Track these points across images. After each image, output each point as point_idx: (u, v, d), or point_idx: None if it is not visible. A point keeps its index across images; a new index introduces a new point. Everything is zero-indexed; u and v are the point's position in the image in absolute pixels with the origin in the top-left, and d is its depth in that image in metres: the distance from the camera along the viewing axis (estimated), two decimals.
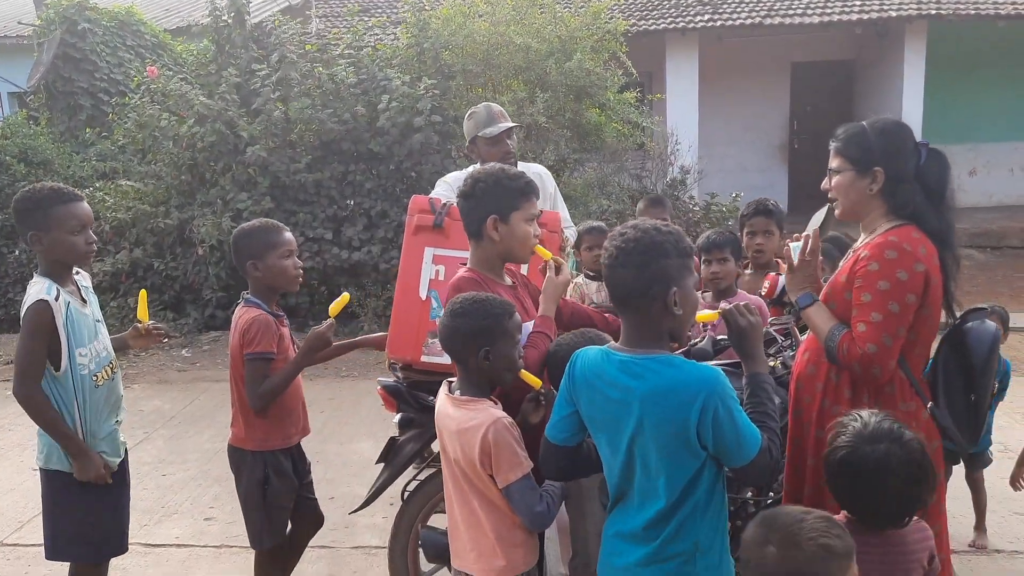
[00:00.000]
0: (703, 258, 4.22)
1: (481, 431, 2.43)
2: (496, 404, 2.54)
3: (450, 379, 2.67)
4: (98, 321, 3.16)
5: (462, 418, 2.51)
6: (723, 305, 2.40)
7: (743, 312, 2.36)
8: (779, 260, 3.72)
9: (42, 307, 2.90)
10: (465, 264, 2.95)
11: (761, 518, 1.90)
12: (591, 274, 4.56)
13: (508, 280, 2.97)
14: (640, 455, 2.15)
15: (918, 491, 2.14)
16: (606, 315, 3.23)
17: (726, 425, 2.06)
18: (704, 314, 2.50)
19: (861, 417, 2.27)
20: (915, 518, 2.24)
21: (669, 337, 2.21)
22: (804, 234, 2.88)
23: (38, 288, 2.96)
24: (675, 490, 2.12)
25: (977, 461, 4.16)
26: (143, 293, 3.44)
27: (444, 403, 2.61)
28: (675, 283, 2.14)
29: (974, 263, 12.06)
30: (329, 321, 3.32)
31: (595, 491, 2.71)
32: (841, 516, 2.33)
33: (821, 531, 1.80)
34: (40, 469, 3.10)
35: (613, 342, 2.29)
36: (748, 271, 4.30)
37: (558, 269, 2.92)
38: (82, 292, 3.14)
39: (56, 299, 2.93)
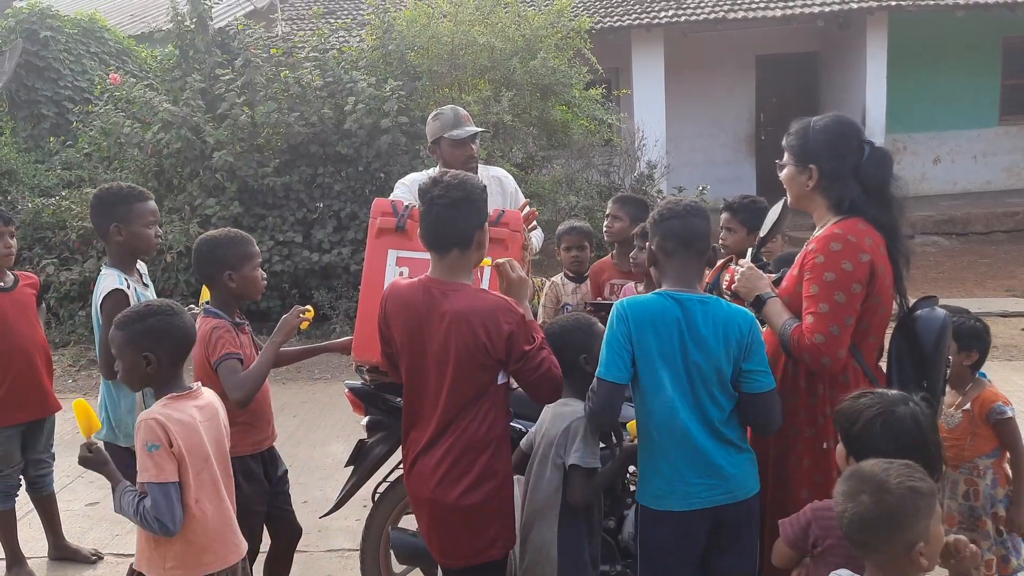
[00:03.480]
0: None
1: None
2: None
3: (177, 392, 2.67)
4: None
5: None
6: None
7: None
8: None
9: (119, 296, 3.20)
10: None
11: (848, 474, 2.05)
12: (570, 275, 4.48)
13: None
14: (699, 374, 2.54)
15: (938, 448, 2.28)
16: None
17: (760, 347, 2.58)
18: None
19: (873, 391, 2.36)
20: None
21: None
22: (760, 235, 2.98)
23: (111, 280, 3.27)
24: (730, 394, 2.56)
25: None
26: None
27: (191, 408, 2.66)
28: None
29: (940, 249, 12.24)
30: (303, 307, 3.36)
31: (557, 480, 2.75)
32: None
33: (906, 476, 1.95)
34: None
35: (663, 288, 2.64)
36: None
37: (509, 269, 2.85)
38: (144, 278, 3.53)
39: (128, 288, 3.26)
